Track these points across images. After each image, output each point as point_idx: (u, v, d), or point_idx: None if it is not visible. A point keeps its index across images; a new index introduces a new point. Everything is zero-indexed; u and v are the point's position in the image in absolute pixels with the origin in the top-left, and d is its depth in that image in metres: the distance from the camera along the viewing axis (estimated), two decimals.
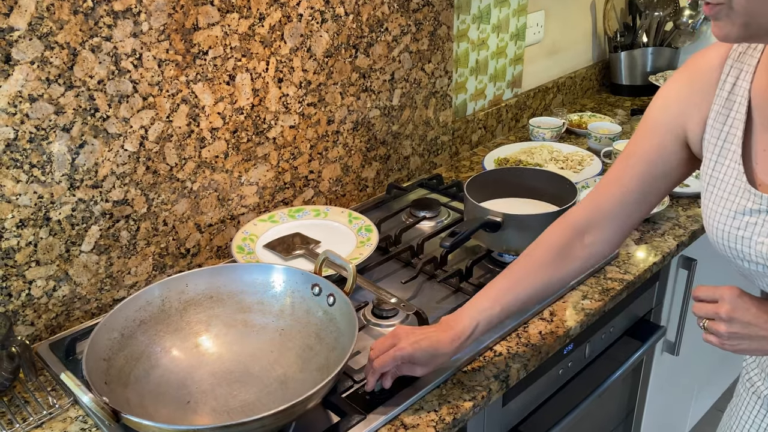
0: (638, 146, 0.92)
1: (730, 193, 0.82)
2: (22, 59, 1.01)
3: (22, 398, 1.03)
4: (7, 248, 1.08)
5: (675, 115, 0.87)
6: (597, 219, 0.96)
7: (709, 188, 0.85)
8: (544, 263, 0.97)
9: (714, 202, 0.83)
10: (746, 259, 0.82)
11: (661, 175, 0.91)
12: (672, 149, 0.89)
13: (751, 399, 1.02)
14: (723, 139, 0.82)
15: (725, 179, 0.82)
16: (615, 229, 0.96)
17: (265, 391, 0.96)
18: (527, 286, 0.97)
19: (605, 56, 2.36)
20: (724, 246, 0.83)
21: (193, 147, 1.26)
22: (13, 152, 1.04)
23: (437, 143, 1.76)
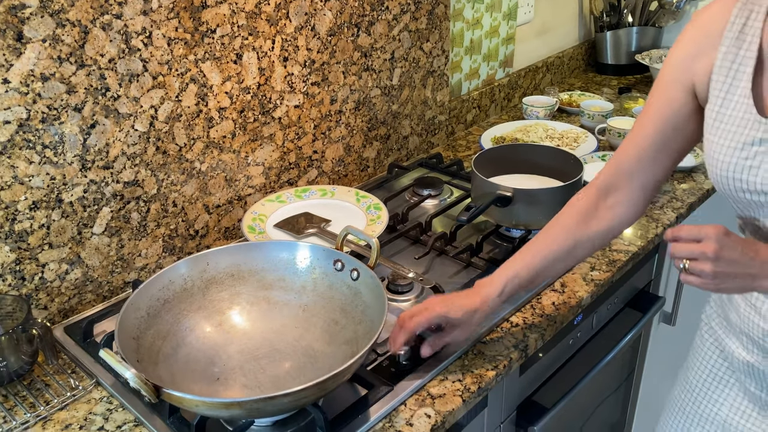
0: (651, 105, 0.95)
1: (738, 126, 0.84)
2: (34, 37, 0.99)
3: (42, 381, 1.02)
4: (21, 231, 1.06)
5: (683, 70, 0.90)
6: (617, 180, 0.98)
7: (715, 125, 0.87)
8: (572, 225, 1.00)
9: (721, 137, 0.86)
10: (751, 190, 0.84)
11: (673, 130, 0.93)
12: (682, 101, 0.91)
13: (709, 349, 1.05)
14: (732, 77, 0.85)
15: (733, 114, 0.84)
16: (635, 189, 0.98)
17: (295, 366, 0.96)
18: (555, 248, 0.99)
19: (591, 36, 2.39)
20: (730, 178, 0.85)
21: (202, 127, 1.25)
22: (26, 133, 1.02)
23: (434, 123, 1.78)
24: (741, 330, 0.96)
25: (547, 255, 0.99)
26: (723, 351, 1.02)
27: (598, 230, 1.00)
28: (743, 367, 0.98)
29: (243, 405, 0.78)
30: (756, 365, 0.95)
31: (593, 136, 1.75)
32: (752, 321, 0.93)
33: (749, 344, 0.95)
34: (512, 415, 1.18)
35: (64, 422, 0.95)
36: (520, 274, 0.99)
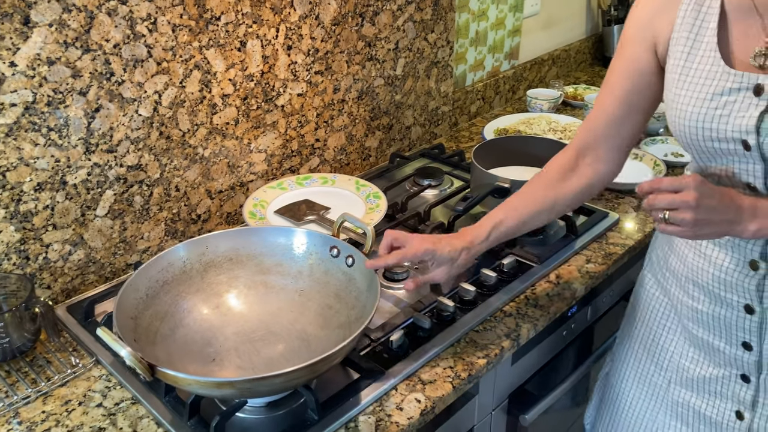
0: (615, 67, 0.99)
1: (706, 78, 0.86)
2: (40, 21, 1.01)
3: (44, 358, 1.05)
4: (26, 211, 1.08)
5: (644, 28, 0.94)
6: (591, 140, 1.03)
7: (681, 78, 0.89)
8: (553, 180, 1.05)
9: (688, 90, 0.88)
10: (721, 138, 0.86)
11: (638, 88, 0.97)
12: (645, 59, 0.95)
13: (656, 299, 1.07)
14: (695, 32, 0.88)
15: (700, 67, 0.87)
16: (609, 149, 1.02)
17: (288, 348, 0.99)
18: (537, 200, 1.04)
19: (598, 29, 2.38)
20: (699, 128, 0.87)
21: (205, 113, 1.27)
22: (32, 115, 1.05)
23: (438, 113, 1.79)
24: (687, 277, 0.99)
25: (530, 206, 1.04)
26: (668, 300, 1.05)
27: (579, 185, 1.04)
28: (689, 313, 1.00)
29: (235, 385, 0.80)
30: (703, 310, 0.97)
31: None
32: (700, 267, 0.96)
33: (695, 291, 0.98)
34: (504, 403, 1.20)
35: (64, 398, 0.98)
36: (505, 222, 1.03)
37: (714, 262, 0.94)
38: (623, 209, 1.43)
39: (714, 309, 0.96)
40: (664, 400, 1.08)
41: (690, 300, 0.99)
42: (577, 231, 1.32)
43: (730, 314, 0.94)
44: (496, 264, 1.22)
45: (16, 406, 0.96)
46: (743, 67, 0.85)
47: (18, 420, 0.94)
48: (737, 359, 0.96)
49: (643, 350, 1.11)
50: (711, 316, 0.96)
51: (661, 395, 1.08)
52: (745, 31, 0.85)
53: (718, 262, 0.93)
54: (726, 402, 0.99)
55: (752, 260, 0.89)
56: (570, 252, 1.28)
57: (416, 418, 0.94)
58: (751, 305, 0.92)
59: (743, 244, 0.90)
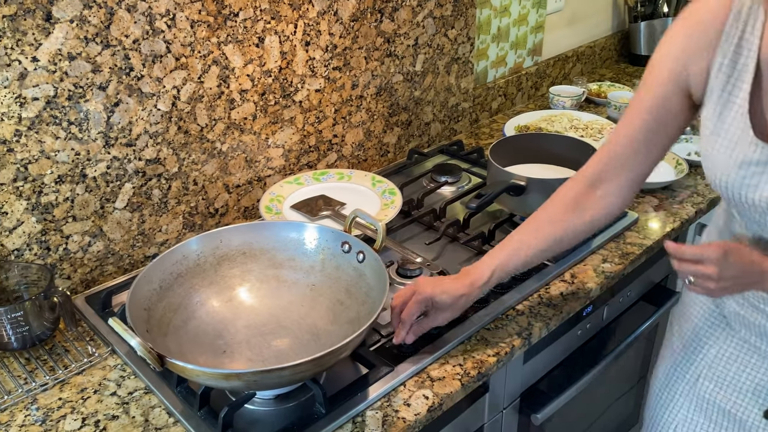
0: (642, 97, 0.94)
1: (736, 143, 0.84)
2: (62, 17, 1.03)
3: (62, 347, 1.07)
4: (47, 203, 1.11)
5: (677, 65, 0.89)
6: (606, 171, 0.99)
7: (712, 137, 0.87)
8: (558, 215, 1.01)
9: (719, 151, 0.86)
10: (750, 204, 0.85)
11: (663, 124, 0.93)
12: (675, 98, 0.91)
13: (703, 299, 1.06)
14: (729, 91, 0.85)
15: (731, 129, 0.84)
16: (623, 181, 0.98)
17: (298, 342, 1.00)
18: (541, 237, 1.01)
19: (625, 26, 2.35)
20: (729, 191, 0.86)
21: (223, 108, 1.28)
22: (53, 109, 1.07)
23: (458, 110, 1.78)
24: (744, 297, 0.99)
25: (533, 245, 1.01)
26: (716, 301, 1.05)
27: (585, 221, 1.01)
28: (736, 317, 1.00)
29: (242, 377, 0.81)
30: (746, 316, 0.98)
31: None
32: None
33: (739, 298, 0.98)
34: (515, 402, 1.19)
35: (80, 386, 1.00)
36: (506, 262, 1.01)
37: None
38: (642, 209, 1.41)
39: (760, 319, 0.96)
40: (690, 395, 1.08)
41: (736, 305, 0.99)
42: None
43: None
44: None
45: (34, 393, 0.99)
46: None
47: (36, 406, 0.97)
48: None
49: (679, 342, 1.11)
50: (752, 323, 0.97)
51: (687, 389, 1.08)
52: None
53: None
54: (756, 399, 0.99)
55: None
56: (586, 251, 1.26)
57: (423, 414, 0.94)
58: None
59: None
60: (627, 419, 1.67)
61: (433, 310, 1.00)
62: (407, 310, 0.99)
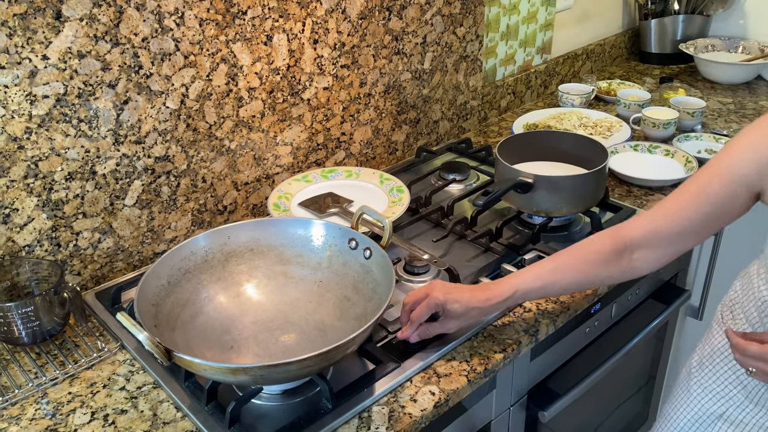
0: (709, 188, 0.92)
1: None
2: (72, 16, 1.04)
3: (72, 342, 1.09)
4: (57, 200, 1.12)
5: (754, 170, 0.88)
6: (651, 241, 0.97)
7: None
8: (589, 261, 0.99)
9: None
10: None
11: (723, 215, 0.93)
12: (743, 199, 0.90)
13: None
14: None
15: None
16: (665, 253, 0.98)
17: (305, 338, 1.00)
18: (568, 274, 1.00)
19: (635, 24, 2.34)
20: None
21: (231, 106, 1.29)
22: (63, 107, 1.08)
23: (466, 108, 1.78)
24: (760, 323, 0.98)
25: (559, 281, 1.00)
26: None
27: (612, 275, 1.01)
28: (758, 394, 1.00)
29: (248, 371, 0.82)
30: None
31: (628, 125, 1.73)
32: None
33: None
34: (523, 398, 1.19)
35: (90, 380, 1.01)
36: (527, 290, 1.00)
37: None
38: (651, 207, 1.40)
39: None
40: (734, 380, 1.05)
41: None
42: (602, 228, 1.30)
43: None
44: (518, 259, 1.22)
45: (45, 387, 1.00)
46: None
47: (46, 400, 0.98)
48: None
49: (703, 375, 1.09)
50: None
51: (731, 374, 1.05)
52: None
53: None
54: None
55: None
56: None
57: (429, 410, 0.94)
58: None
59: None
60: (636, 418, 1.66)
61: (444, 316, 1.00)
62: (417, 311, 0.99)
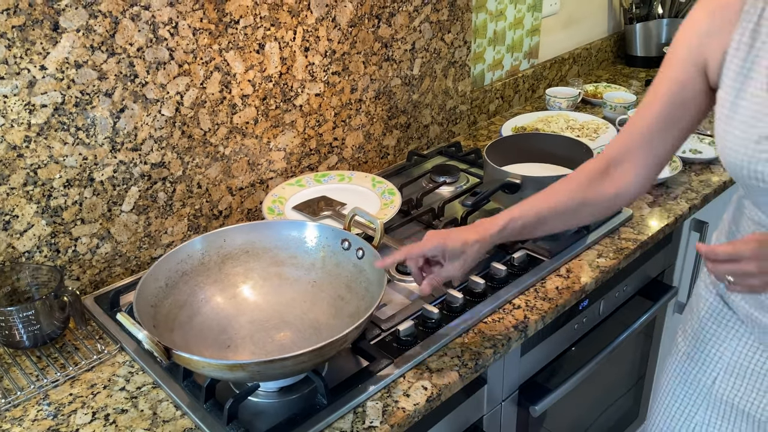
0: (662, 80, 0.94)
1: (753, 119, 0.84)
2: (69, 27, 1.07)
3: (72, 345, 1.11)
4: (56, 206, 1.15)
5: (696, 46, 0.90)
6: (625, 152, 0.99)
7: (729, 115, 0.87)
8: (580, 183, 1.01)
9: (736, 128, 0.86)
10: (766, 181, 0.85)
11: (682, 105, 0.93)
12: (693, 80, 0.91)
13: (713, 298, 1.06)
14: (748, 68, 0.85)
15: (749, 106, 0.84)
16: (641, 161, 0.98)
17: (301, 337, 1.03)
18: (561, 197, 1.00)
19: (620, 28, 2.38)
20: (745, 169, 0.86)
21: (225, 113, 1.32)
22: (61, 116, 1.11)
23: (456, 112, 1.81)
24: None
25: (551, 203, 1.00)
26: (726, 302, 1.05)
27: (605, 194, 1.00)
28: (748, 318, 1.00)
29: (246, 367, 0.84)
30: (759, 317, 0.98)
31: (614, 127, 1.77)
32: None
33: (749, 298, 0.98)
34: (514, 394, 1.22)
35: (90, 382, 1.04)
36: (523, 217, 1.00)
37: None
38: (637, 205, 1.44)
39: None
40: (707, 398, 1.08)
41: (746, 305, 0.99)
42: (589, 226, 1.34)
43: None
44: (507, 258, 1.25)
45: (46, 389, 1.02)
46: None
47: (47, 401, 1.00)
48: None
49: (687, 347, 1.11)
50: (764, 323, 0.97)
51: (704, 393, 1.08)
52: None
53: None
54: None
55: None
56: (581, 247, 1.29)
57: (422, 404, 0.97)
58: None
59: None
60: (627, 415, 1.69)
61: (447, 260, 0.99)
62: (410, 246, 0.99)
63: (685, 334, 1.13)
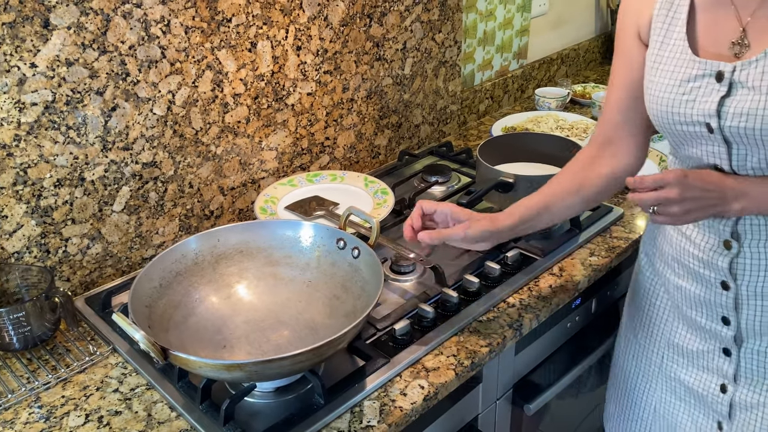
0: (615, 59, 1.04)
1: (675, 65, 0.92)
2: (59, 24, 1.06)
3: (63, 347, 1.09)
4: (46, 206, 1.13)
5: (630, 17, 0.99)
6: (608, 132, 1.06)
7: (655, 65, 0.94)
8: (577, 169, 1.08)
9: (661, 77, 0.93)
10: (688, 122, 0.91)
11: (636, 75, 1.00)
12: (636, 49, 0.99)
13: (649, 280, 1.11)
14: (668, 23, 0.93)
15: (671, 55, 0.92)
16: (625, 136, 1.04)
17: (297, 336, 1.02)
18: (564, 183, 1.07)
19: (607, 29, 2.40)
20: (670, 113, 0.92)
21: (217, 112, 1.31)
22: (51, 114, 1.09)
23: (446, 112, 1.82)
24: (672, 257, 1.04)
25: (555, 189, 1.07)
26: (659, 279, 1.09)
27: (601, 174, 1.06)
28: (676, 291, 1.05)
29: (243, 367, 0.84)
30: (687, 287, 1.02)
31: None
32: (682, 247, 1.01)
33: (680, 269, 1.03)
34: (508, 392, 1.22)
35: (83, 384, 1.02)
36: (529, 205, 1.05)
37: (694, 241, 0.99)
38: (628, 204, 1.45)
39: (696, 286, 1.00)
40: (659, 376, 1.12)
41: (676, 278, 1.04)
42: (581, 225, 1.34)
43: (710, 291, 0.99)
44: (501, 257, 1.25)
45: (38, 391, 1.01)
46: (708, 55, 0.90)
47: (39, 404, 0.99)
48: (718, 333, 1.00)
49: (640, 328, 1.15)
50: (694, 293, 1.01)
51: (656, 371, 1.12)
52: (714, 21, 0.90)
53: (697, 241, 0.98)
54: (711, 376, 1.03)
55: (725, 240, 0.94)
56: (574, 245, 1.30)
57: (419, 403, 0.97)
58: (727, 282, 0.96)
59: (718, 225, 0.94)
60: None
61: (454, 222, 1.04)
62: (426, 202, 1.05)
63: (636, 313, 1.16)
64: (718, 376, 1.02)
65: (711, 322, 1.00)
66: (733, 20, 0.89)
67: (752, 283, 0.94)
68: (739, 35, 0.88)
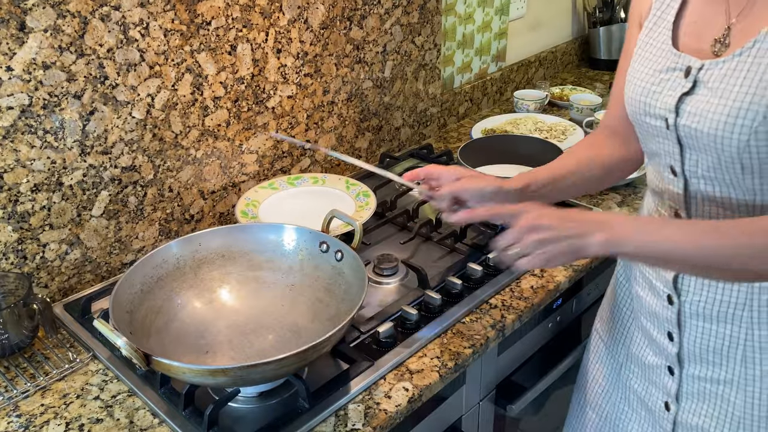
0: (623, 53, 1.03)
1: (655, 54, 0.91)
2: (36, 27, 1.04)
3: (42, 354, 1.08)
4: (23, 212, 1.11)
5: (636, 5, 1.00)
6: (616, 123, 1.05)
7: (639, 51, 0.94)
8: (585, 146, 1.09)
9: (640, 63, 0.93)
10: (651, 114, 0.90)
11: None
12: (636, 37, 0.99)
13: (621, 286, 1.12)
14: (662, 10, 0.93)
15: (655, 43, 0.92)
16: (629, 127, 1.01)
17: (280, 340, 1.02)
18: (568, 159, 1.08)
19: (584, 32, 2.43)
20: (639, 102, 0.92)
21: (197, 115, 1.30)
22: (28, 118, 1.08)
23: (426, 115, 1.82)
24: (636, 265, 1.05)
25: (560, 163, 1.07)
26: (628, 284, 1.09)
27: (610, 154, 1.06)
28: (637, 301, 1.05)
29: (228, 372, 0.83)
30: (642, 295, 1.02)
31: (581, 128, 1.80)
32: None
33: (640, 278, 1.03)
34: (491, 393, 1.23)
35: (62, 392, 1.01)
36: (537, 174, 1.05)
37: None
38: (606, 205, 1.47)
39: (650, 296, 1.00)
40: (617, 384, 1.12)
41: (637, 286, 1.04)
42: None
43: (659, 303, 0.98)
44: (483, 258, 1.26)
45: (16, 400, 0.99)
46: (687, 49, 0.88)
47: (17, 413, 0.97)
48: (664, 349, 0.99)
49: (606, 333, 1.15)
50: (648, 302, 1.01)
51: (615, 378, 1.12)
52: (703, 15, 0.89)
53: None
54: (658, 392, 1.02)
55: None
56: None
57: (404, 405, 0.97)
58: (672, 296, 0.95)
59: None
60: None
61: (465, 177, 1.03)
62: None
63: (601, 318, 1.17)
64: (663, 393, 1.01)
65: (660, 336, 0.99)
66: (722, 17, 0.87)
67: (694, 301, 0.93)
68: (722, 33, 0.86)
